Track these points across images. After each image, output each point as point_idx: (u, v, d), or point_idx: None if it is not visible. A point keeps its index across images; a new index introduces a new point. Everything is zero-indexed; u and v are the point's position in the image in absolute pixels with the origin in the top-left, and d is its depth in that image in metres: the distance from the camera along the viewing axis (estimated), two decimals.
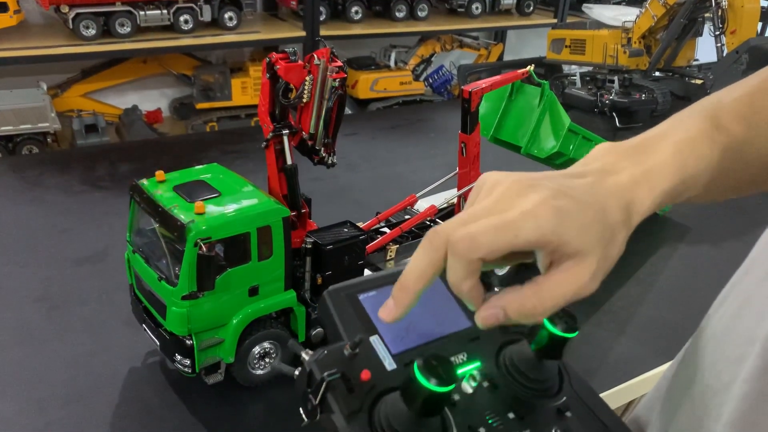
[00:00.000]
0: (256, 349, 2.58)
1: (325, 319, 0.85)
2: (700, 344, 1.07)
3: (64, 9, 5.56)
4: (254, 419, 2.54)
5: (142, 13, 5.84)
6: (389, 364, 0.81)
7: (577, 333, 0.82)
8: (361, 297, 0.86)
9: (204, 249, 2.25)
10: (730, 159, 0.93)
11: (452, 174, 3.57)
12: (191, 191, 2.47)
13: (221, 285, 2.38)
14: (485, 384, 0.83)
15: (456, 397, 0.81)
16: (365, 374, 0.78)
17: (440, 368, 0.69)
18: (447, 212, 3.55)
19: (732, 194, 1.05)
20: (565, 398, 0.86)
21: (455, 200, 3.54)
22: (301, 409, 0.78)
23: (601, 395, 0.90)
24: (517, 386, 0.85)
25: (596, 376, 2.81)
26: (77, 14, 5.59)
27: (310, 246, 2.64)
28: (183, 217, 2.32)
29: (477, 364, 0.87)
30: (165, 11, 5.94)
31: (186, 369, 2.46)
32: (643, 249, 4.00)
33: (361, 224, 3.05)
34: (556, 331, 0.81)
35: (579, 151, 3.61)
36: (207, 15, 6.17)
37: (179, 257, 2.33)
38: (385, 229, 3.31)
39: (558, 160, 3.68)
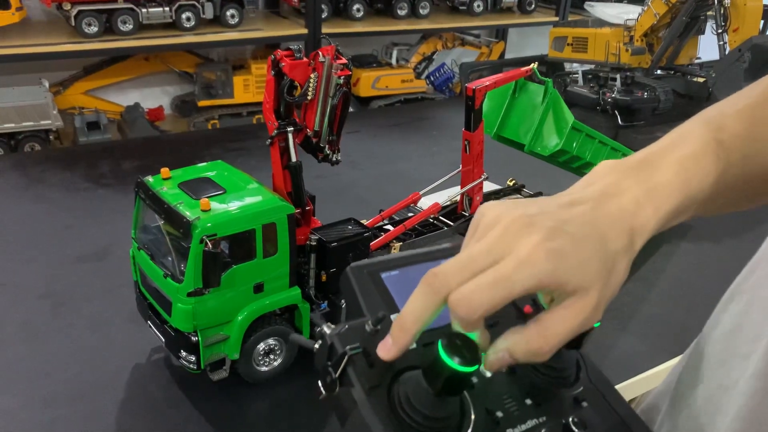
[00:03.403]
0: (261, 346, 2.59)
1: (347, 294, 0.84)
2: (709, 341, 1.07)
3: (67, 6, 5.55)
4: (259, 416, 2.55)
5: (144, 10, 5.83)
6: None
7: (599, 323, 0.81)
8: (384, 275, 0.86)
9: (209, 246, 2.26)
10: (732, 174, 0.92)
11: (455, 172, 3.58)
12: (196, 188, 2.48)
13: (226, 282, 2.39)
14: (504, 370, 0.81)
15: (475, 379, 0.81)
16: None
17: (464, 348, 0.69)
18: (450, 209, 3.56)
19: (733, 208, 1.05)
20: (582, 388, 0.87)
21: (458, 198, 3.54)
22: (319, 381, 0.77)
23: None
24: (535, 373, 0.85)
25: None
26: (79, 11, 5.59)
27: (314, 243, 2.65)
28: (188, 214, 2.32)
29: None
30: (167, 8, 5.93)
31: (191, 365, 2.47)
32: (646, 247, 3.98)
33: (364, 221, 3.06)
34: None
35: (582, 148, 3.62)
36: (209, 12, 6.17)
37: (184, 254, 2.34)
38: (389, 227, 3.32)
39: (561, 158, 3.69)
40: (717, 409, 0.92)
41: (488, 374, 0.82)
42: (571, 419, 0.80)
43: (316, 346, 0.78)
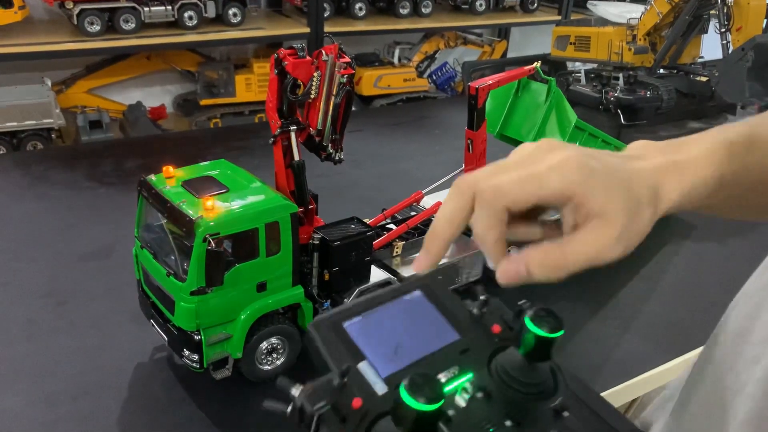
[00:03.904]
0: (264, 345, 2.58)
1: (312, 351, 0.83)
2: (717, 344, 1.06)
3: (69, 5, 5.56)
4: (262, 415, 2.55)
5: (146, 9, 5.84)
6: (380, 388, 0.79)
7: (562, 332, 0.81)
8: (346, 324, 0.84)
9: (212, 245, 2.26)
10: (757, 172, 0.91)
11: (458, 170, 3.57)
12: (199, 187, 2.47)
13: (229, 280, 2.38)
14: (479, 395, 0.82)
15: (451, 412, 0.80)
16: (356, 402, 0.77)
17: (426, 386, 0.69)
18: None
19: (747, 214, 1.04)
20: (561, 398, 0.85)
21: None
22: None
23: (606, 392, 0.91)
24: (512, 392, 0.84)
25: (601, 373, 2.81)
26: (82, 10, 5.59)
27: (317, 242, 2.65)
28: (191, 212, 2.32)
29: (469, 375, 0.85)
30: (169, 7, 5.93)
31: (194, 364, 2.46)
32: (649, 246, 4.00)
33: (367, 220, 3.05)
34: (541, 332, 0.80)
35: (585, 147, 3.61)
36: (211, 11, 6.17)
37: (187, 253, 2.33)
38: (392, 226, 3.31)
39: None
40: (725, 412, 0.91)
41: (463, 404, 0.81)
42: None
43: (288, 409, 0.77)
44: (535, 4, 8.27)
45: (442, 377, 0.83)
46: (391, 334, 0.86)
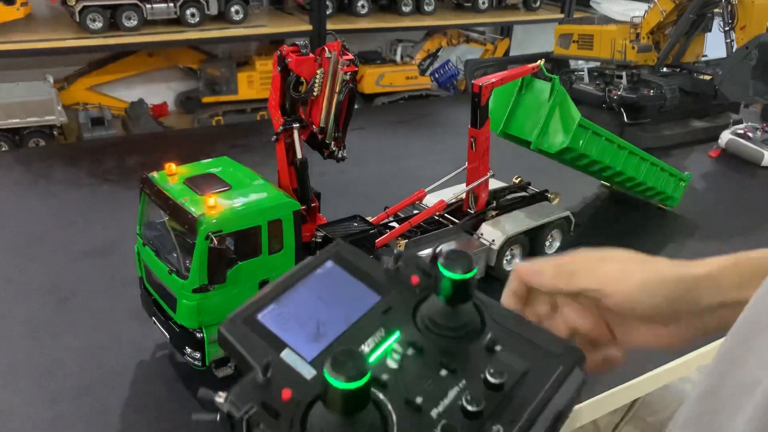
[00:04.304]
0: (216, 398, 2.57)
1: (230, 353, 0.80)
2: (731, 339, 1.05)
3: (71, 2, 5.55)
4: None
5: (148, 6, 5.83)
6: (308, 373, 0.77)
7: (475, 271, 0.80)
8: (260, 316, 0.82)
9: (215, 242, 2.25)
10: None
11: (461, 169, 3.56)
12: (202, 184, 2.47)
13: (232, 278, 2.38)
14: (409, 352, 0.80)
15: (385, 377, 0.77)
16: (286, 393, 0.74)
17: (349, 363, 0.66)
18: (456, 207, 3.54)
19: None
20: (490, 334, 0.84)
21: (464, 195, 3.53)
22: None
23: (607, 393, 0.91)
24: (441, 339, 0.82)
25: (603, 373, 2.79)
26: (84, 7, 5.58)
27: (320, 240, 2.64)
28: (194, 210, 2.31)
29: (396, 334, 0.83)
30: (171, 4, 5.93)
31: (196, 362, 2.46)
32: (651, 245, 3.98)
33: (369, 219, 3.04)
34: (455, 275, 0.79)
35: (589, 146, 3.60)
36: (213, 8, 6.16)
37: (190, 250, 2.33)
38: (394, 224, 3.30)
39: (567, 156, 3.67)
40: (737, 407, 0.90)
41: (395, 365, 0.79)
42: (487, 371, 0.77)
43: (217, 418, 0.74)
44: (538, 2, 8.25)
45: (367, 345, 0.80)
46: (310, 314, 0.83)
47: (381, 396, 0.74)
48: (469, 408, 0.73)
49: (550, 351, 0.83)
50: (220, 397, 0.75)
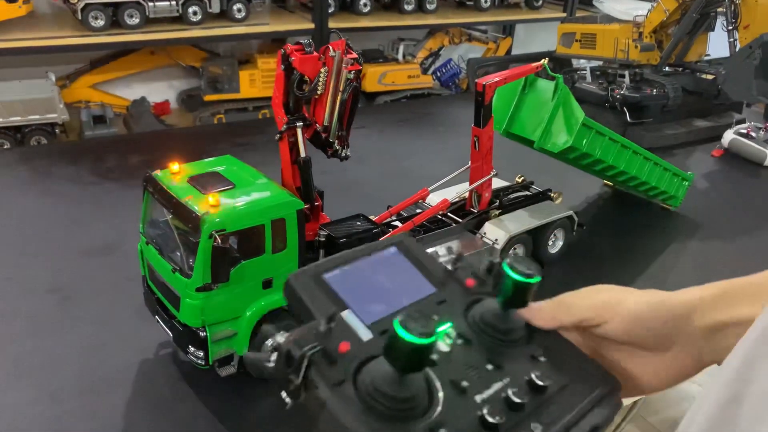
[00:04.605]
0: (269, 342, 2.57)
1: (294, 302, 0.82)
2: (756, 350, 1.04)
3: None
4: (267, 412, 2.54)
5: (151, 4, 5.82)
6: (365, 334, 0.80)
7: (539, 279, 0.83)
8: (327, 276, 0.84)
9: (218, 241, 2.25)
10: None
11: (464, 168, 3.55)
12: (205, 183, 2.46)
13: (235, 277, 2.37)
14: (459, 341, 0.84)
15: (435, 356, 0.81)
16: (344, 346, 0.77)
17: (420, 321, 0.70)
18: (459, 206, 3.54)
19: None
20: (536, 345, 0.88)
21: (467, 194, 3.52)
22: (283, 392, 0.75)
23: None
24: (489, 339, 0.87)
25: None
26: (86, 5, 5.57)
27: (323, 239, 2.64)
28: (197, 208, 2.31)
29: (448, 324, 0.86)
30: (174, 2, 5.91)
31: (199, 361, 2.46)
32: (655, 244, 3.98)
33: (372, 217, 3.04)
34: (520, 277, 0.83)
35: (592, 145, 3.59)
36: (216, 6, 6.15)
37: (193, 249, 2.32)
38: (397, 223, 3.30)
39: (571, 155, 3.66)
40: (762, 415, 0.89)
41: (446, 348, 0.82)
42: (533, 375, 0.82)
43: (273, 357, 0.76)
44: (540, 1, 8.24)
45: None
46: (371, 286, 0.87)
47: (430, 371, 0.78)
48: (515, 399, 0.77)
49: (590, 374, 0.88)
50: (282, 336, 0.76)
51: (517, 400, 0.77)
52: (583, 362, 0.89)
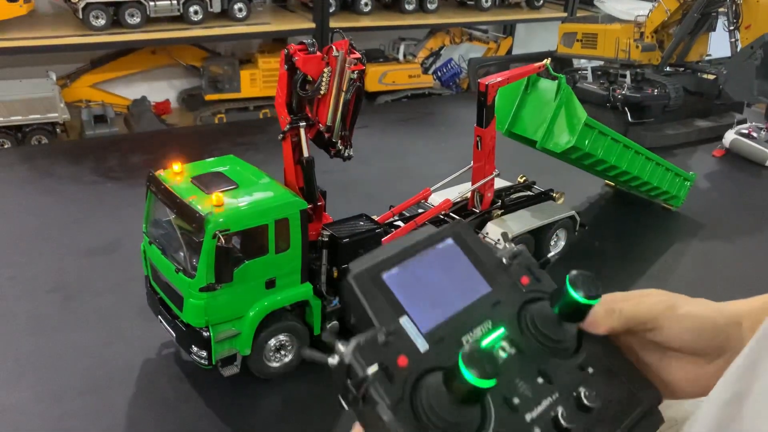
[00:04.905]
0: (272, 342, 2.57)
1: (354, 304, 0.83)
2: (758, 351, 1.03)
3: None
4: (270, 412, 2.54)
5: (151, 3, 5.81)
6: (422, 345, 0.82)
7: (599, 300, 0.84)
8: (386, 276, 0.85)
9: (222, 241, 2.24)
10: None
11: (467, 168, 3.55)
12: (209, 183, 2.46)
13: (238, 277, 2.37)
14: (511, 350, 0.85)
15: None
16: (402, 360, 0.79)
17: (485, 363, 0.71)
18: (461, 206, 3.54)
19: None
20: (585, 355, 0.89)
21: (469, 194, 3.52)
22: (340, 396, 0.78)
23: None
24: (540, 346, 0.88)
25: None
26: (87, 4, 5.57)
27: (326, 239, 2.63)
28: (201, 208, 2.31)
29: (501, 330, 0.87)
30: (174, 2, 5.91)
31: (202, 361, 2.45)
32: (657, 245, 3.98)
33: (375, 217, 3.04)
34: (580, 298, 0.83)
35: (594, 145, 3.59)
36: (216, 6, 6.15)
37: (197, 249, 2.32)
38: (399, 223, 3.30)
39: (573, 155, 3.66)
40: (763, 413, 0.89)
41: (500, 361, 0.84)
42: (582, 392, 0.83)
43: (332, 361, 0.78)
44: (541, 1, 8.24)
45: (473, 334, 0.86)
46: (428, 286, 0.88)
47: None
48: (563, 422, 0.80)
49: (636, 387, 0.89)
50: (344, 346, 0.78)
51: (565, 425, 0.80)
52: (629, 373, 0.91)
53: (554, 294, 0.88)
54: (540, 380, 0.85)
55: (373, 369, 0.76)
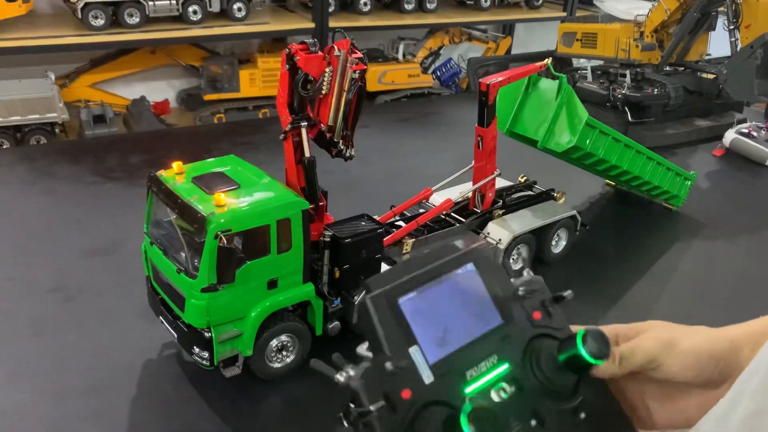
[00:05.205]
0: (274, 342, 2.56)
1: (367, 327, 0.86)
2: None
3: None
4: (272, 413, 2.53)
5: (151, 3, 5.81)
6: (427, 377, 0.86)
7: (603, 361, 0.88)
8: (401, 301, 0.87)
9: (224, 241, 2.24)
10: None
11: (468, 167, 3.55)
12: (210, 183, 2.45)
13: (240, 277, 2.36)
14: (511, 389, 0.89)
15: (487, 402, 0.87)
16: (406, 393, 0.83)
17: (488, 426, 0.76)
18: (462, 206, 3.53)
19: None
20: (581, 398, 0.93)
21: (470, 194, 3.52)
22: (342, 414, 0.82)
23: None
24: (539, 386, 0.91)
25: None
26: (86, 4, 5.56)
27: (328, 239, 2.62)
28: (203, 209, 2.30)
29: (506, 366, 0.91)
30: (174, 1, 5.90)
31: (204, 362, 2.44)
32: (658, 244, 3.97)
33: (376, 217, 3.03)
34: (589, 358, 0.88)
35: (596, 145, 3.59)
36: (216, 6, 6.14)
37: (198, 249, 2.31)
38: (400, 223, 3.29)
39: (574, 155, 3.65)
40: None
41: (497, 399, 0.88)
42: None
43: (339, 379, 0.81)
44: (540, 1, 8.24)
45: (478, 369, 0.89)
46: (441, 316, 0.90)
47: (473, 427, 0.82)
48: None
49: None
50: (352, 370, 0.81)
51: None
52: (617, 420, 0.97)
53: (564, 343, 0.91)
54: (533, 422, 0.88)
55: (377, 405, 0.79)
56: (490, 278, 0.96)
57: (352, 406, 0.81)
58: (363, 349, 0.86)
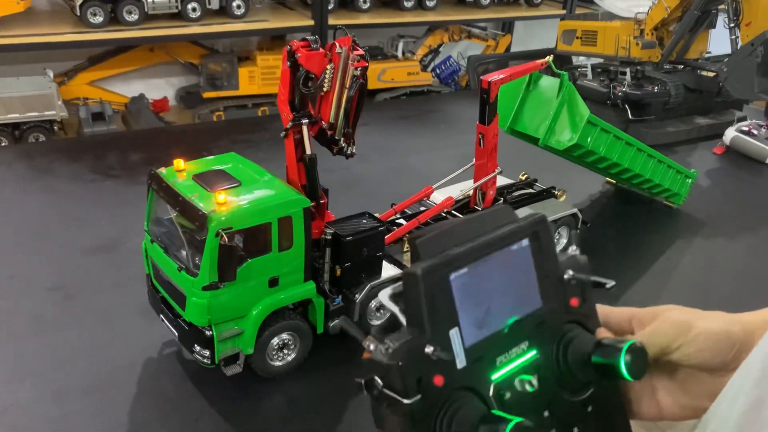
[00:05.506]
0: (275, 341, 2.56)
1: (411, 299, 0.81)
2: None
3: None
4: (273, 411, 2.52)
5: (149, 0, 5.79)
6: (460, 362, 0.83)
7: (633, 380, 0.87)
8: (453, 277, 0.83)
9: (225, 239, 2.23)
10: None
11: (469, 165, 3.54)
12: (211, 181, 2.44)
13: (241, 276, 2.35)
14: (534, 379, 0.87)
15: (507, 395, 0.86)
16: (438, 380, 0.81)
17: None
18: (463, 204, 3.52)
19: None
20: (591, 391, 0.92)
21: (471, 192, 3.51)
22: (363, 382, 0.79)
23: None
24: (561, 377, 0.90)
25: None
26: (85, 1, 5.53)
27: (329, 237, 2.62)
28: (204, 206, 2.29)
29: (533, 353, 0.89)
30: None
31: (205, 360, 2.44)
32: (659, 243, 3.97)
33: (377, 215, 3.02)
34: (626, 373, 0.86)
35: (597, 143, 3.58)
36: (215, 3, 6.12)
37: (199, 247, 2.30)
38: (401, 221, 3.28)
39: (575, 152, 3.65)
40: None
41: (518, 388, 0.86)
42: (575, 430, 0.89)
43: (368, 346, 0.77)
44: None
45: (507, 356, 0.88)
46: (486, 295, 0.87)
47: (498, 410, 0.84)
48: None
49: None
50: (385, 345, 0.78)
51: None
52: (620, 417, 0.97)
53: (605, 349, 0.89)
54: (546, 413, 0.89)
55: (413, 399, 0.77)
56: (540, 258, 0.92)
57: (378, 380, 0.77)
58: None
